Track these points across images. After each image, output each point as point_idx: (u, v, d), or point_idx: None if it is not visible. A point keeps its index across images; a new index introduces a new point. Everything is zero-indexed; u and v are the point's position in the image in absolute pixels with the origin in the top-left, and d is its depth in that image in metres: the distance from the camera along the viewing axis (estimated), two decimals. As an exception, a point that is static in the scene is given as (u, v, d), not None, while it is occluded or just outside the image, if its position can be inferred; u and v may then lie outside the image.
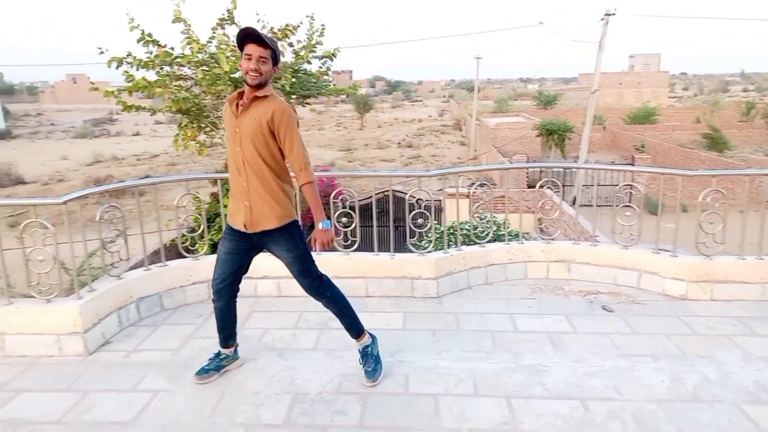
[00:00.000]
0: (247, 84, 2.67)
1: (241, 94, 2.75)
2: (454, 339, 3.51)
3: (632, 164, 20.74)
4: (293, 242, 2.86)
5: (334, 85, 10.17)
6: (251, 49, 2.63)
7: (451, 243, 4.66)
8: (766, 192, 4.08)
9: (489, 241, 4.71)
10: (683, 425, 2.57)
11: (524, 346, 3.39)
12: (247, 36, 2.63)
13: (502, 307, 4.00)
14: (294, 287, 3.13)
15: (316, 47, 8.24)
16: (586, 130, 17.89)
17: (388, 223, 4.37)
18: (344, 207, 4.33)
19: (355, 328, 3.05)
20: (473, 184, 4.96)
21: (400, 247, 4.80)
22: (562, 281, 4.53)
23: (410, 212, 4.33)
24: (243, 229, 2.81)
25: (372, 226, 4.46)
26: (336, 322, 3.74)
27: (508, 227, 5.80)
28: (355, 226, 4.30)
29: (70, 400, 2.83)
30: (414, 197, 4.35)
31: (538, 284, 4.50)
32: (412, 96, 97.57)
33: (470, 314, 3.90)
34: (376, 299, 4.17)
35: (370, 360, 3.01)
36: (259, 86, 2.68)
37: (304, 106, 9.18)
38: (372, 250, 4.38)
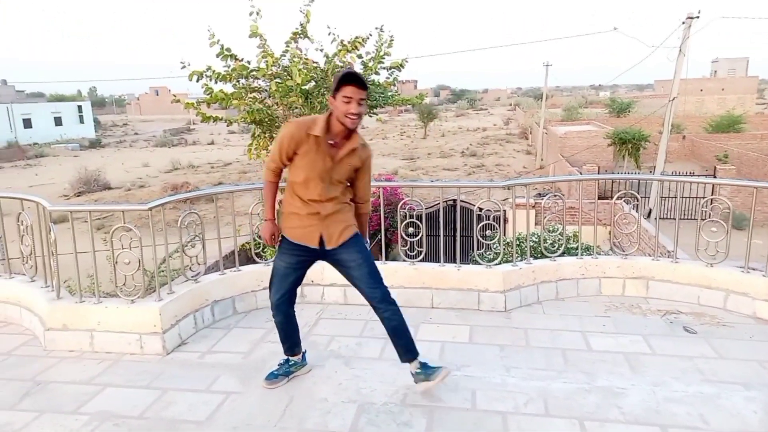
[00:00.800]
0: (346, 126, 2.66)
1: (327, 126, 2.69)
2: (523, 355, 3.40)
3: (714, 176, 19.43)
4: (364, 246, 2.96)
5: (400, 94, 10.27)
6: (351, 91, 2.59)
7: (518, 255, 4.54)
8: None
9: (560, 255, 4.55)
10: (781, 463, 2.35)
11: (599, 366, 3.24)
12: (349, 78, 2.60)
13: (575, 325, 3.84)
14: (361, 296, 3.16)
15: (384, 58, 8.35)
16: (664, 139, 16.94)
17: (454, 233, 4.33)
18: (410, 217, 4.33)
19: (412, 349, 2.96)
20: (540, 194, 4.82)
21: (466, 258, 4.73)
22: (639, 299, 4.30)
23: (478, 223, 4.27)
24: (317, 247, 2.84)
25: (438, 235, 4.43)
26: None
27: (579, 240, 5.58)
28: (422, 236, 4.29)
29: (150, 397, 2.99)
30: (482, 208, 4.28)
31: (613, 301, 4.29)
32: (477, 105, 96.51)
33: (540, 330, 3.77)
34: (441, 311, 4.13)
35: (429, 368, 2.93)
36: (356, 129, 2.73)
37: (371, 116, 9.31)
38: (438, 261, 4.35)
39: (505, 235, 10.45)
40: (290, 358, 3.16)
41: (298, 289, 4.36)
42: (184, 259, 3.90)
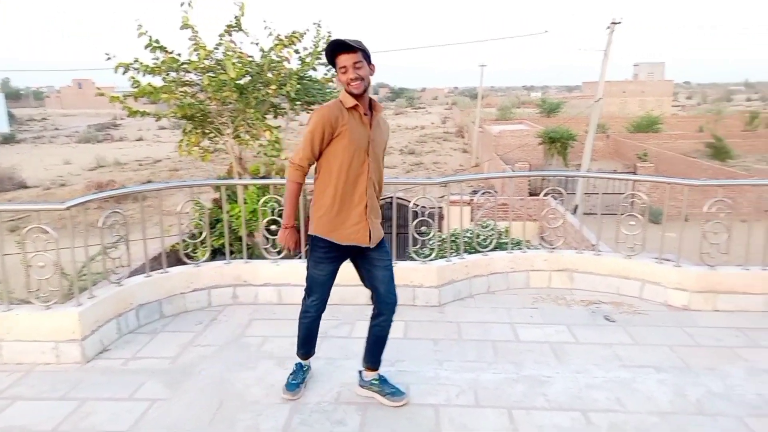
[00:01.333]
0: (354, 94, 2.58)
1: (355, 105, 2.61)
2: (455, 349, 3.48)
3: (634, 173, 20.70)
4: (389, 251, 2.91)
5: (339, 91, 10.24)
6: (342, 60, 2.53)
7: (453, 251, 4.64)
8: None
9: (491, 250, 4.69)
10: (687, 439, 2.53)
11: (526, 357, 3.37)
12: (334, 48, 2.54)
13: (504, 317, 3.98)
14: (296, 295, 3.12)
15: (321, 54, 8.29)
16: (589, 138, 17.88)
17: (391, 230, 4.36)
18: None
19: (380, 359, 2.95)
20: (475, 191, 4.95)
21: (402, 255, 4.77)
22: (564, 291, 4.51)
23: (413, 220, 4.32)
24: (365, 245, 2.71)
25: None
26: (338, 330, 3.76)
27: (510, 235, 5.77)
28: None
29: (67, 408, 2.81)
30: (417, 205, 4.33)
31: (540, 293, 4.47)
32: (416, 103, 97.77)
33: (472, 323, 3.87)
34: (376, 307, 4.14)
35: (387, 384, 2.91)
36: (365, 91, 2.61)
37: (307, 113, 9.22)
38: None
39: (441, 231, 10.67)
40: (303, 363, 3.03)
41: (231, 290, 4.28)
42: (106, 261, 3.70)
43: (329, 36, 8.15)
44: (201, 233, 4.28)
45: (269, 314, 4.03)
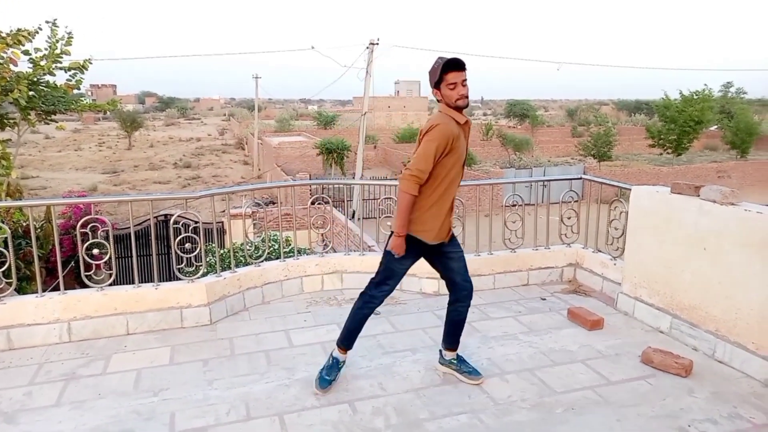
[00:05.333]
0: (459, 108, 2.84)
1: (467, 121, 2.92)
2: (227, 365, 3.37)
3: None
4: (458, 242, 3.23)
5: (94, 100, 9.03)
6: (453, 76, 2.76)
7: (222, 266, 4.50)
8: (504, 198, 4.88)
9: (265, 260, 4.68)
10: (435, 408, 2.90)
11: (299, 361, 3.44)
12: (447, 66, 2.75)
13: (278, 325, 4.01)
14: (34, 337, 2.64)
15: (61, 57, 7.23)
16: (360, 148, 19.23)
17: (169, 250, 4.03)
18: (95, 237, 3.85)
19: (459, 341, 3.24)
20: (258, 204, 4.90)
21: (172, 275, 4.44)
22: (336, 291, 4.75)
23: (175, 237, 4.06)
24: (445, 240, 3.02)
25: (150, 255, 4.03)
26: (87, 369, 3.31)
27: (291, 244, 5.85)
28: (110, 257, 3.85)
29: None
30: (177, 221, 4.08)
31: (314, 297, 4.62)
32: (189, 114, 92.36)
33: (245, 337, 3.80)
34: (139, 336, 3.78)
35: (465, 364, 3.24)
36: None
37: (47, 123, 7.96)
38: (132, 282, 3.97)
39: (223, 246, 10.27)
40: (340, 357, 3.13)
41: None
42: None
43: (69, 37, 7.18)
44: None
45: (-4, 364, 3.35)
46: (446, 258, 3.12)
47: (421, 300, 4.54)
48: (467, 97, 2.85)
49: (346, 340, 3.14)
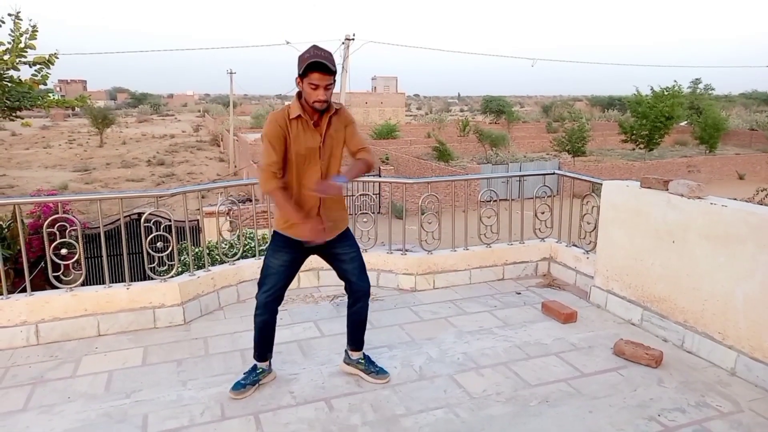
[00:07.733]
0: (315, 110, 2.70)
1: (298, 116, 2.71)
2: (201, 365, 3.33)
3: (379, 175, 22.97)
4: (355, 239, 3.07)
5: (63, 96, 8.82)
6: (316, 78, 2.59)
7: (196, 265, 4.43)
8: (478, 194, 4.93)
9: (241, 258, 4.63)
10: (410, 404, 2.91)
11: (275, 359, 3.38)
12: (314, 66, 2.57)
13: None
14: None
15: (26, 51, 7.03)
16: (337, 144, 19.19)
17: (141, 249, 3.95)
18: (63, 237, 3.75)
19: (363, 340, 3.19)
20: (234, 202, 4.83)
21: (144, 275, 4.35)
22: (312, 289, 4.72)
23: (147, 236, 3.98)
24: (319, 241, 2.75)
25: (121, 254, 3.94)
26: (56, 372, 3.23)
27: (262, 241, 5.80)
28: (79, 257, 3.76)
29: None
30: (149, 219, 4.00)
31: (290, 294, 4.57)
32: (162, 110, 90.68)
33: (220, 336, 3.76)
34: (110, 337, 3.71)
35: (372, 364, 3.17)
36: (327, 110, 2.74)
37: (12, 120, 7.74)
38: (103, 283, 3.89)
39: (198, 244, 10.11)
40: (258, 365, 3.04)
41: None
42: None
43: (33, 30, 6.98)
44: None
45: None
46: (337, 260, 3.02)
47: (397, 296, 4.55)
48: (326, 102, 2.69)
49: (256, 352, 3.06)
